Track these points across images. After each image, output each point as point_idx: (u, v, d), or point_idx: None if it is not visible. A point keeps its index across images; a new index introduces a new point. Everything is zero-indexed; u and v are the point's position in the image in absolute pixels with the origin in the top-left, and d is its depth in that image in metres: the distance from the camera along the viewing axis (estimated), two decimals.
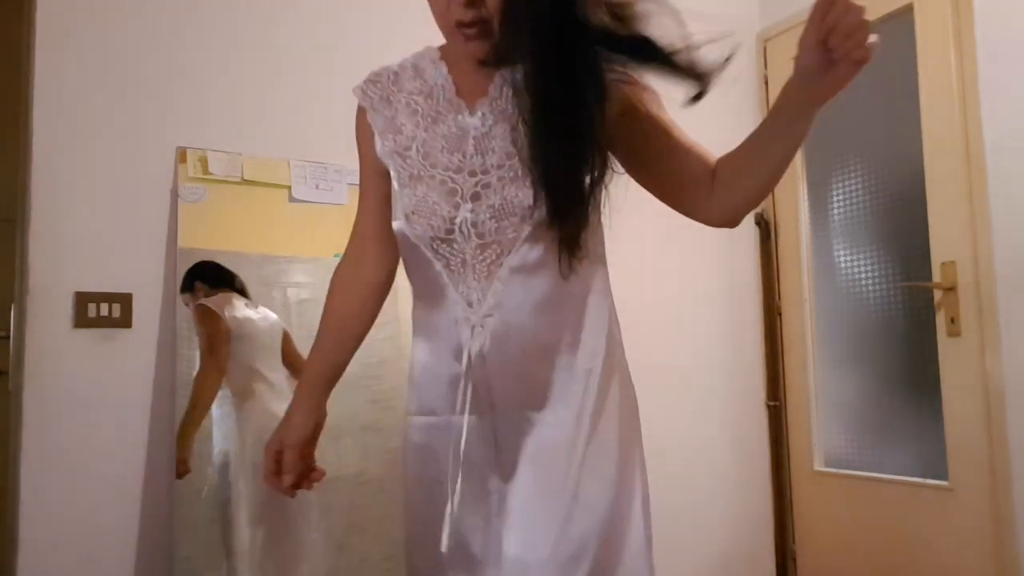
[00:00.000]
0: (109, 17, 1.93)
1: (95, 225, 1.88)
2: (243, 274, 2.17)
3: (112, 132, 1.92)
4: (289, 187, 2.12)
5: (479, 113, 0.97)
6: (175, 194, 1.97)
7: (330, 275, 1.24)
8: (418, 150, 0.99)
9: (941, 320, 2.33)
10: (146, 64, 1.97)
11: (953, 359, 2.31)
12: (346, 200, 2.18)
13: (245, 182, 2.06)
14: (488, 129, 0.96)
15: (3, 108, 2.18)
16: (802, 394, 2.77)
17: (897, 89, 2.51)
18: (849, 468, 2.63)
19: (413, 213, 0.95)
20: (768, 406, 2.84)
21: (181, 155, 1.98)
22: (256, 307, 2.08)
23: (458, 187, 0.95)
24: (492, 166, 0.94)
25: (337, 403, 4.32)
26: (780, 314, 2.85)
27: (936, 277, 2.34)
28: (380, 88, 1.07)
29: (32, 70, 1.85)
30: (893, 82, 2.54)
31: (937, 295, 2.34)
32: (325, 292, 2.23)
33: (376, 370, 3.58)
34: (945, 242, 2.34)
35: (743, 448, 2.81)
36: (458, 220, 0.93)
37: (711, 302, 2.82)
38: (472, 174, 0.95)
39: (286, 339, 2.12)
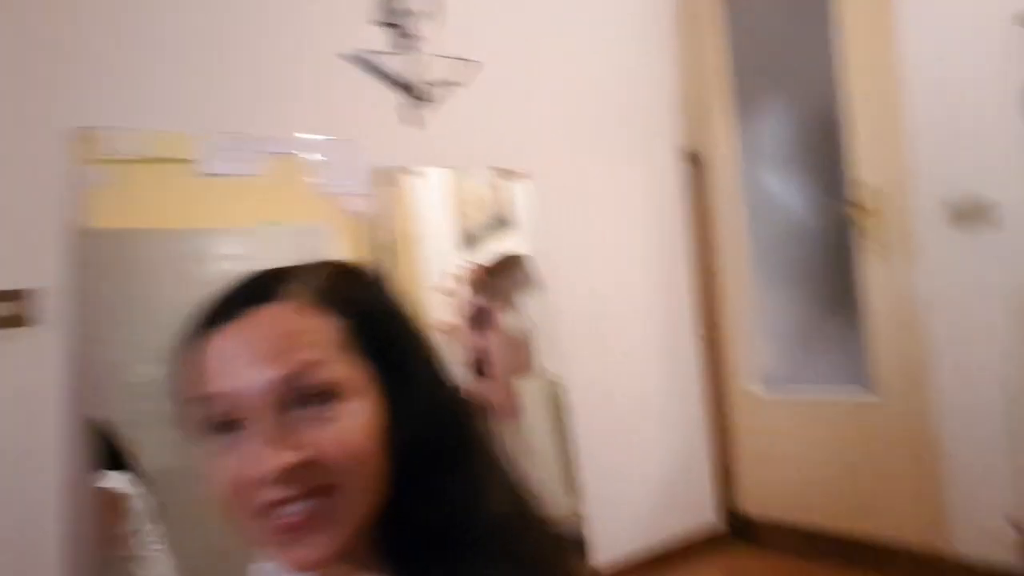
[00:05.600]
0: None
1: None
2: (157, 253, 2.08)
3: (2, 117, 1.78)
4: (197, 161, 2.02)
5: None
6: (77, 177, 1.85)
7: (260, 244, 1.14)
8: None
9: (865, 240, 2.40)
10: (36, 45, 1.82)
11: (876, 278, 2.39)
12: (260, 171, 2.10)
13: (151, 159, 1.95)
14: None
15: None
16: (736, 320, 2.83)
17: (815, 13, 2.51)
18: (783, 390, 2.73)
19: None
20: (701, 335, 2.91)
21: (80, 136, 1.86)
22: None
23: None
24: None
25: None
26: (712, 244, 2.88)
27: (859, 199, 2.39)
28: None
29: None
30: (810, 5, 2.54)
31: (860, 216, 2.40)
32: (254, 262, 2.15)
33: None
34: (867, 165, 2.39)
35: (678, 378, 2.88)
36: None
37: (640, 241, 2.84)
38: None
39: None
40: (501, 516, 0.57)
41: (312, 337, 0.55)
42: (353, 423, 0.55)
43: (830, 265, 2.61)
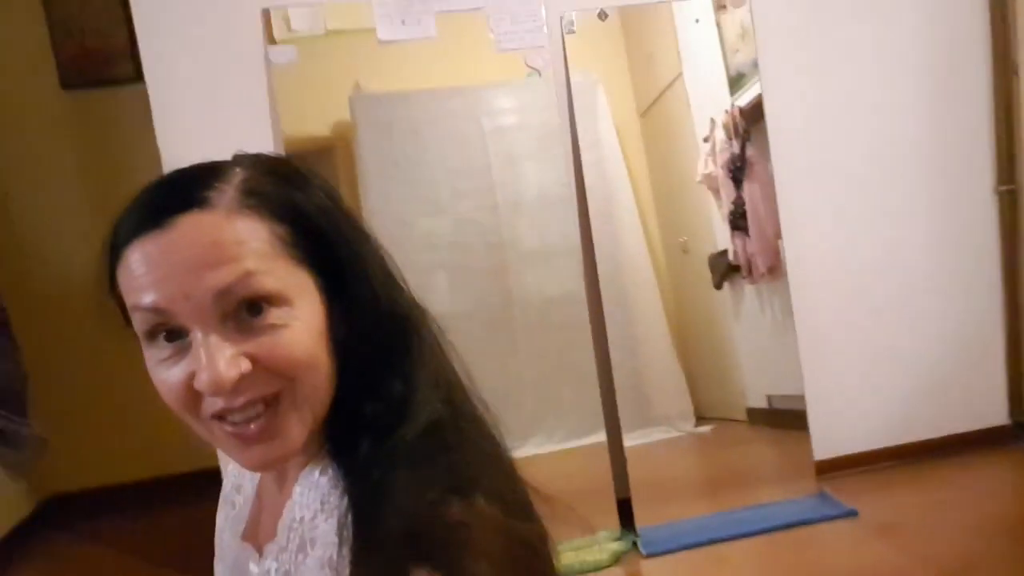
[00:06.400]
0: None
1: (199, 100, 2.02)
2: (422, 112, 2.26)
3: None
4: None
5: (267, 564, 0.64)
6: (268, 58, 2.08)
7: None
8: None
9: None
10: None
11: None
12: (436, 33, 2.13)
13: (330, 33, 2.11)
14: None
15: None
16: None
17: None
18: None
19: None
20: (999, 192, 2.24)
21: (265, 16, 2.06)
22: None
23: None
24: None
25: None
26: (1017, 72, 2.14)
27: None
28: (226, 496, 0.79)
29: None
30: None
31: None
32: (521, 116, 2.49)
33: None
34: None
35: (966, 248, 2.31)
36: None
37: (920, 57, 2.26)
38: None
39: None
40: (437, 418, 0.58)
41: (245, 247, 0.54)
42: (298, 330, 0.55)
43: None
